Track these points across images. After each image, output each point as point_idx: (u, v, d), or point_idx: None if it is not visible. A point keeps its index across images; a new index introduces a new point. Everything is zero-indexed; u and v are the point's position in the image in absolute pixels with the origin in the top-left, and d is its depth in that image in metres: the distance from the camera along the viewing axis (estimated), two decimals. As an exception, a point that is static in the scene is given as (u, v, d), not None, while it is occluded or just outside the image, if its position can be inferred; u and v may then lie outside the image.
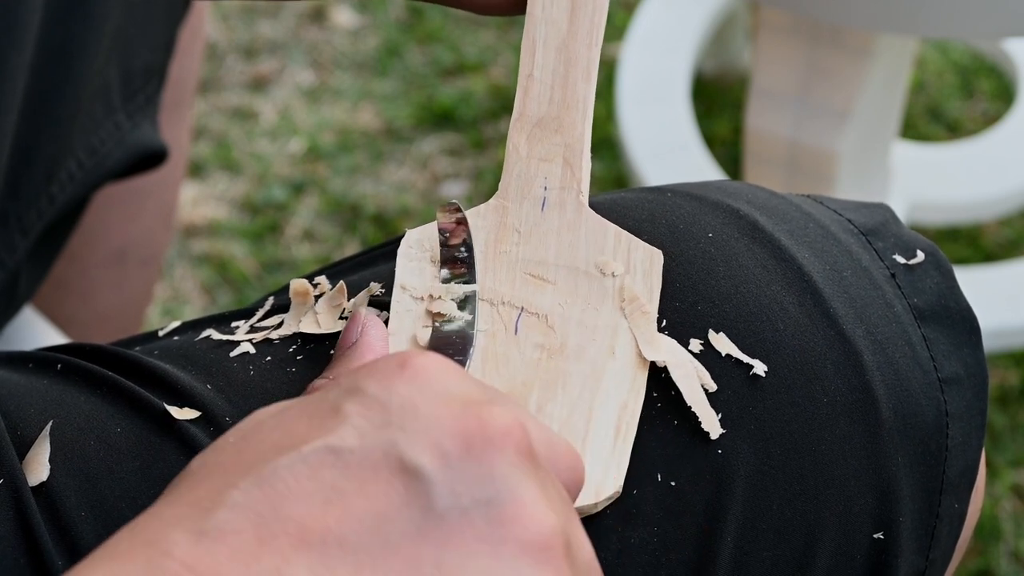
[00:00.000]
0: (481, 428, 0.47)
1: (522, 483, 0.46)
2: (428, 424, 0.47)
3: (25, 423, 0.61)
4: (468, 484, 0.46)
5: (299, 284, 0.64)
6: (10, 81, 0.77)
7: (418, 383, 0.48)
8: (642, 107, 1.48)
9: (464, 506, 0.46)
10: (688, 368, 0.60)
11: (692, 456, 0.59)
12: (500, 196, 0.63)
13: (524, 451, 0.47)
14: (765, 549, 0.60)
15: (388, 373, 0.48)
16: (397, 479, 0.46)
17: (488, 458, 0.46)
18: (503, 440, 0.47)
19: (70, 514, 0.58)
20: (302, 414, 0.48)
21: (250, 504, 0.45)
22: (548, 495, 0.47)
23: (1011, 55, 1.56)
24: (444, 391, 0.48)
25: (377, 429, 0.47)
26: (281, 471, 0.46)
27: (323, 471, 0.46)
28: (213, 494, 0.46)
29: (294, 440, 0.47)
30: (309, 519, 0.45)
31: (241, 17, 1.81)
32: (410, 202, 1.62)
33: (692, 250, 0.63)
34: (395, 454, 0.46)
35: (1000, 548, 1.34)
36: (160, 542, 0.45)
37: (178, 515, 0.46)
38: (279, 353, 0.63)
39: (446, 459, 0.46)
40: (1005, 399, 1.44)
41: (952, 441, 0.64)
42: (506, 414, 0.47)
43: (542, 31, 0.65)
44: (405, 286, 0.62)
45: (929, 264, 0.66)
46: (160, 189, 1.06)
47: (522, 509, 0.46)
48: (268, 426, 0.48)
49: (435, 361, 0.48)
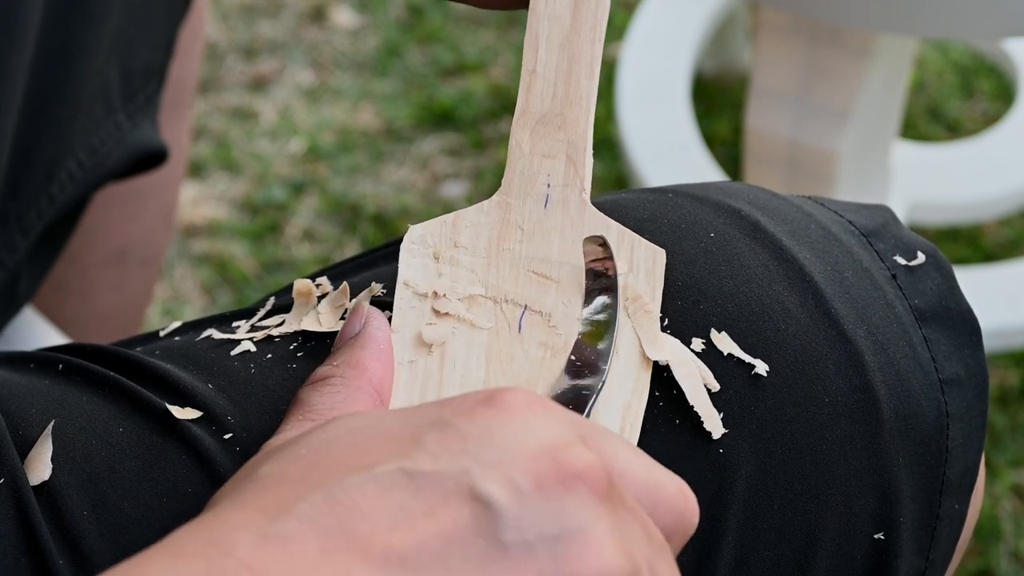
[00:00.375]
0: (555, 467, 0.46)
1: (592, 522, 0.46)
2: (503, 457, 0.46)
3: (26, 423, 0.61)
4: (536, 519, 0.46)
5: (302, 284, 0.64)
6: (10, 81, 0.77)
7: (501, 418, 0.47)
8: (642, 107, 1.48)
9: (530, 541, 0.46)
10: (691, 367, 0.60)
11: (693, 455, 0.59)
12: (503, 193, 0.63)
13: (601, 492, 0.47)
14: (766, 549, 0.60)
15: (473, 408, 0.48)
16: (466, 506, 0.46)
17: (560, 496, 0.46)
18: (577, 480, 0.46)
19: (71, 514, 0.58)
20: (379, 437, 0.48)
21: (317, 517, 0.45)
22: (624, 536, 0.47)
23: (1011, 55, 1.56)
24: (525, 426, 0.47)
25: (452, 456, 0.46)
26: (351, 488, 0.46)
27: (394, 492, 0.46)
28: (280, 503, 0.46)
29: (367, 460, 0.47)
30: (374, 536, 0.45)
31: (241, 17, 1.81)
32: (410, 202, 1.62)
33: (694, 249, 0.63)
34: (467, 482, 0.46)
35: (1000, 548, 1.34)
36: (223, 543, 0.45)
37: (244, 520, 0.46)
38: (280, 351, 0.63)
39: (518, 493, 0.46)
40: (1005, 399, 1.44)
41: (952, 442, 0.64)
42: (586, 455, 0.47)
43: (545, 27, 0.64)
44: (408, 282, 0.62)
45: (930, 265, 0.66)
46: (160, 189, 1.06)
47: (587, 548, 0.46)
48: (343, 443, 0.48)
49: (522, 397, 0.48)
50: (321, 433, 0.49)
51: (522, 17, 1.79)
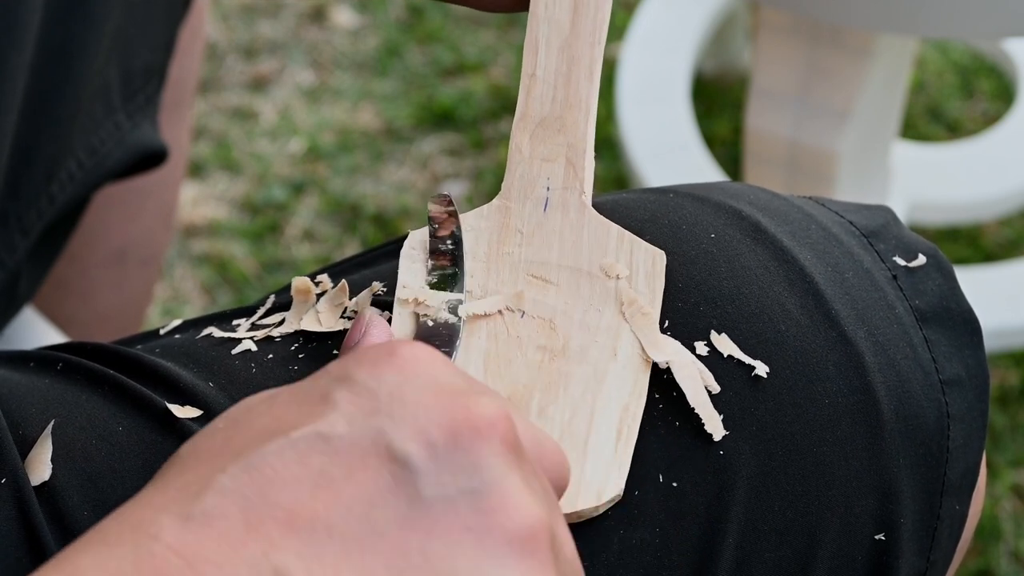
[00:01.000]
0: (468, 418, 0.47)
1: (507, 474, 0.47)
2: (416, 412, 0.47)
3: (27, 422, 0.61)
4: (454, 473, 0.46)
5: (301, 282, 0.64)
6: (10, 81, 0.77)
7: (407, 372, 0.48)
8: (642, 107, 1.48)
9: (450, 495, 0.46)
10: (691, 369, 0.60)
11: (694, 457, 0.59)
12: (503, 197, 0.63)
13: (510, 442, 0.47)
14: (767, 550, 0.60)
15: (377, 361, 0.48)
16: (385, 467, 0.46)
17: (474, 448, 0.47)
18: (489, 430, 0.47)
19: (72, 513, 0.58)
20: (291, 400, 0.48)
21: (238, 489, 0.45)
22: (533, 488, 0.47)
23: (1011, 55, 1.56)
24: (432, 380, 0.48)
25: (366, 416, 0.47)
26: (269, 456, 0.46)
27: (312, 457, 0.46)
28: (201, 479, 0.46)
29: (283, 426, 0.47)
30: (297, 504, 0.45)
31: (241, 17, 1.81)
32: (410, 202, 1.62)
33: (694, 250, 0.63)
34: (383, 442, 0.46)
35: (1000, 548, 1.34)
36: (148, 526, 0.45)
37: (166, 500, 0.46)
38: (281, 351, 0.63)
39: (433, 448, 0.46)
40: (1005, 399, 1.44)
41: (953, 443, 0.64)
42: (493, 404, 0.48)
43: (545, 30, 0.64)
44: (407, 286, 0.62)
45: (930, 266, 0.66)
46: (160, 189, 1.06)
47: (507, 500, 0.46)
48: (257, 412, 0.48)
49: (423, 351, 0.49)
50: (240, 405, 0.49)
51: (522, 17, 1.79)
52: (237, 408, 0.49)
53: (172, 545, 0.44)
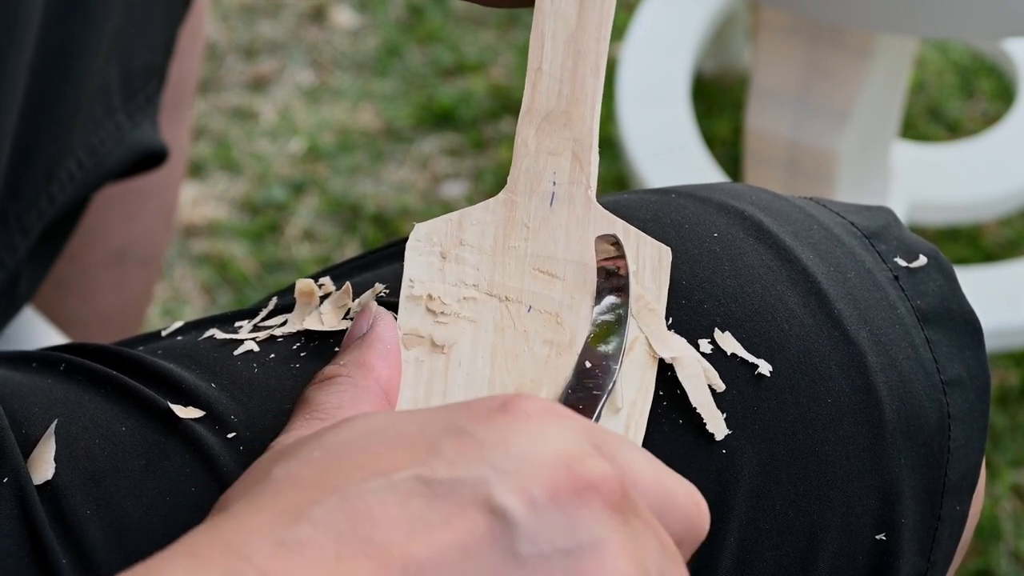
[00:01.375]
0: (571, 478, 0.46)
1: (607, 536, 0.46)
2: (520, 467, 0.47)
3: (29, 422, 0.61)
4: (552, 532, 0.46)
5: (304, 284, 0.64)
6: (10, 81, 0.77)
7: (517, 425, 0.48)
8: (642, 107, 1.48)
9: (546, 553, 0.46)
10: (696, 368, 0.60)
11: (696, 455, 0.59)
12: (509, 190, 0.63)
13: (615, 504, 0.47)
14: (768, 549, 0.60)
15: (489, 415, 0.48)
16: (483, 517, 0.46)
17: (574, 509, 0.46)
18: (591, 492, 0.47)
19: (75, 512, 0.58)
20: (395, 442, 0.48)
21: (333, 522, 0.45)
22: (637, 548, 0.47)
23: (1011, 55, 1.56)
24: (541, 436, 0.47)
25: (469, 465, 0.47)
26: (368, 495, 0.46)
27: (411, 500, 0.46)
28: (296, 507, 0.46)
29: (384, 467, 0.47)
30: (391, 544, 0.45)
31: (241, 17, 1.81)
32: (410, 202, 1.62)
33: (697, 249, 0.63)
34: (484, 492, 0.46)
35: (1000, 548, 1.34)
36: (240, 547, 0.45)
37: (260, 523, 0.46)
38: (283, 351, 0.63)
39: (533, 505, 0.46)
40: (1005, 399, 1.44)
41: (954, 443, 0.64)
42: (601, 465, 0.47)
43: (551, 24, 0.64)
44: (414, 280, 0.61)
45: (931, 267, 0.66)
46: (160, 189, 1.06)
47: (602, 563, 0.46)
48: (357, 447, 0.48)
49: (537, 405, 0.48)
50: (334, 435, 0.49)
51: (523, 17, 1.79)
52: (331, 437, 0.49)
53: (262, 568, 0.44)
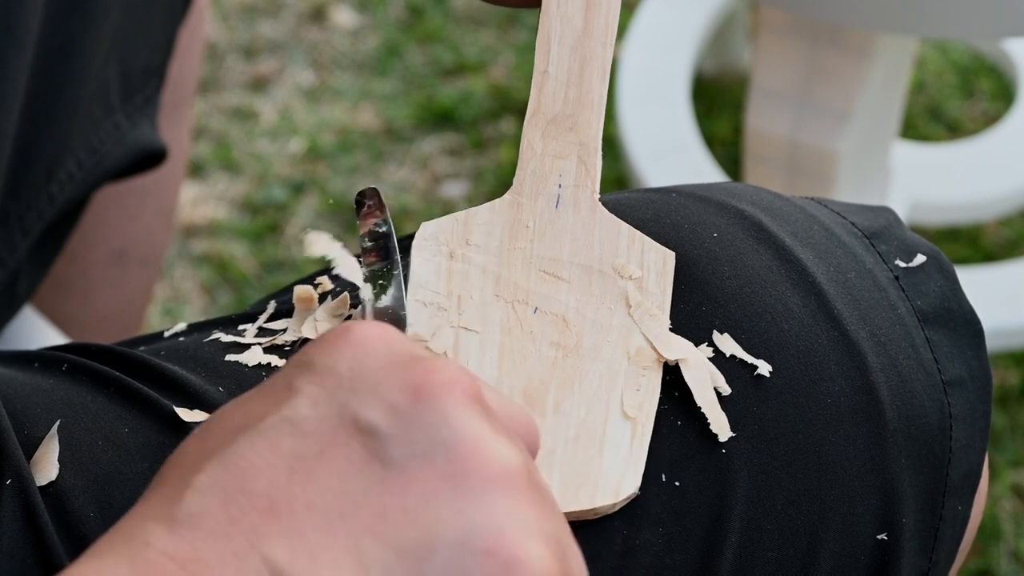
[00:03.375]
0: (427, 377, 0.47)
1: (474, 422, 0.47)
2: (376, 382, 0.47)
3: (32, 422, 0.61)
4: (422, 431, 0.47)
5: (303, 291, 0.64)
6: (10, 81, 0.77)
7: (362, 347, 0.48)
8: (642, 107, 1.48)
9: (422, 451, 0.47)
10: (701, 370, 0.60)
11: (696, 457, 0.59)
12: (515, 192, 0.63)
13: (473, 394, 0.48)
14: (769, 549, 0.60)
15: (334, 343, 0.49)
16: (354, 439, 0.47)
17: (438, 403, 0.47)
18: (451, 386, 0.47)
19: (78, 513, 0.58)
20: (258, 395, 0.49)
21: (216, 484, 0.46)
22: (502, 434, 0.48)
23: (1011, 55, 1.56)
24: (389, 350, 0.48)
25: (329, 394, 0.47)
26: (242, 449, 0.47)
27: (281, 442, 0.47)
28: (180, 482, 0.47)
29: (251, 419, 0.48)
30: (274, 490, 0.46)
31: (241, 17, 1.81)
32: (410, 202, 1.62)
33: (697, 250, 0.63)
34: (349, 415, 0.47)
35: (1000, 548, 1.34)
36: (138, 535, 0.46)
37: (150, 507, 0.47)
38: (289, 356, 0.62)
39: (397, 412, 0.47)
40: (1005, 399, 1.44)
41: (955, 443, 0.64)
42: (452, 366, 0.48)
43: (557, 28, 0.65)
44: (419, 280, 0.61)
45: (932, 267, 0.66)
46: (160, 189, 1.06)
47: (478, 446, 0.47)
48: (228, 412, 0.49)
49: (376, 327, 0.49)
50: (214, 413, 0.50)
51: (523, 17, 1.79)
52: (211, 416, 0.50)
53: (164, 550, 0.45)
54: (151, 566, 0.45)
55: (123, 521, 0.47)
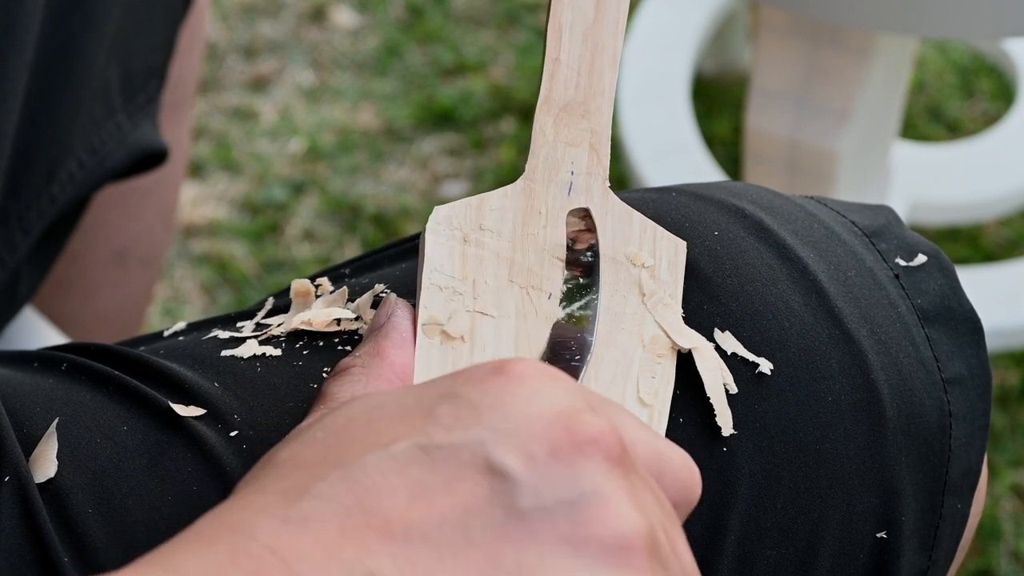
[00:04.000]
0: (569, 434, 0.47)
1: (608, 486, 0.46)
2: (517, 425, 0.47)
3: (31, 421, 0.61)
4: (552, 486, 0.46)
5: (300, 284, 0.64)
6: (10, 81, 0.77)
7: (511, 387, 0.48)
8: (642, 107, 1.48)
9: (547, 507, 0.46)
10: (713, 361, 0.60)
11: (697, 454, 0.59)
12: (527, 178, 0.63)
13: (614, 457, 0.47)
14: (769, 547, 0.60)
15: (483, 377, 0.48)
16: (483, 478, 0.46)
17: (574, 462, 0.46)
18: (591, 446, 0.47)
19: (77, 511, 0.58)
20: (394, 414, 0.48)
21: (336, 496, 0.46)
22: (638, 499, 0.47)
23: (1011, 55, 1.56)
24: (536, 396, 0.48)
25: (466, 428, 0.47)
26: (369, 467, 0.46)
27: (410, 468, 0.46)
28: (300, 485, 0.46)
29: (383, 439, 0.47)
30: (393, 513, 0.46)
31: (241, 17, 1.81)
32: (410, 202, 1.62)
33: (698, 248, 0.63)
34: (482, 453, 0.46)
35: (1000, 548, 1.34)
36: (245, 527, 0.45)
37: (264, 503, 0.46)
38: (286, 350, 0.63)
39: (532, 461, 0.46)
40: (1005, 399, 1.44)
41: (955, 442, 0.64)
42: (599, 421, 0.47)
43: (569, 16, 0.65)
44: (434, 264, 0.61)
45: (932, 266, 0.66)
46: (160, 189, 1.06)
47: (605, 511, 0.46)
48: (358, 423, 0.48)
49: (532, 366, 0.49)
50: (336, 416, 0.49)
51: (523, 17, 1.79)
52: (336, 418, 0.49)
53: (269, 545, 0.45)
54: (253, 559, 0.45)
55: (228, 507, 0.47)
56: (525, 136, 1.64)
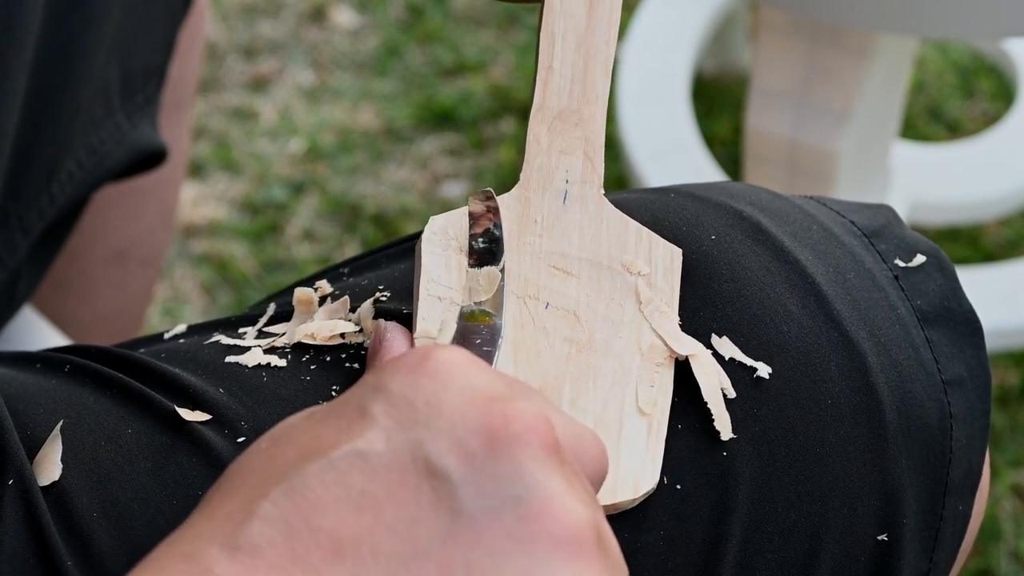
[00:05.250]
0: (505, 424, 0.47)
1: (549, 478, 0.46)
2: (452, 422, 0.47)
3: (34, 423, 0.61)
4: (495, 483, 0.46)
5: (303, 293, 0.64)
6: (10, 81, 0.77)
7: (442, 379, 0.48)
8: (642, 107, 1.48)
9: (492, 505, 0.46)
10: (710, 367, 0.60)
11: (697, 459, 0.59)
12: (521, 187, 0.63)
13: (549, 446, 0.47)
14: (770, 551, 0.60)
15: (413, 369, 0.48)
16: (425, 482, 0.46)
17: (513, 455, 0.46)
18: (528, 435, 0.47)
19: (81, 514, 0.58)
20: (329, 417, 0.48)
21: (281, 516, 0.46)
22: (575, 488, 0.47)
23: (1011, 55, 1.56)
24: (468, 386, 0.48)
25: (403, 430, 0.47)
26: (310, 479, 0.46)
27: (351, 476, 0.46)
28: (245, 506, 0.46)
29: (322, 445, 0.47)
30: (341, 528, 0.45)
31: (241, 17, 1.81)
32: (410, 202, 1.62)
33: (695, 253, 0.63)
34: (421, 456, 0.46)
35: (1000, 548, 1.34)
36: (199, 557, 0.45)
37: (213, 528, 0.46)
38: (292, 362, 0.62)
39: (471, 459, 0.46)
40: (1005, 399, 1.44)
41: (956, 443, 0.64)
42: (530, 408, 0.47)
43: (561, 24, 0.65)
44: (431, 275, 0.61)
45: (932, 266, 0.66)
46: (160, 189, 1.06)
47: (550, 505, 0.46)
48: (299, 429, 0.48)
49: (459, 355, 0.48)
50: (282, 424, 0.49)
51: (523, 17, 1.79)
52: (280, 427, 0.49)
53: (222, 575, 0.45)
54: None
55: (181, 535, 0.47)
56: (525, 136, 1.64)
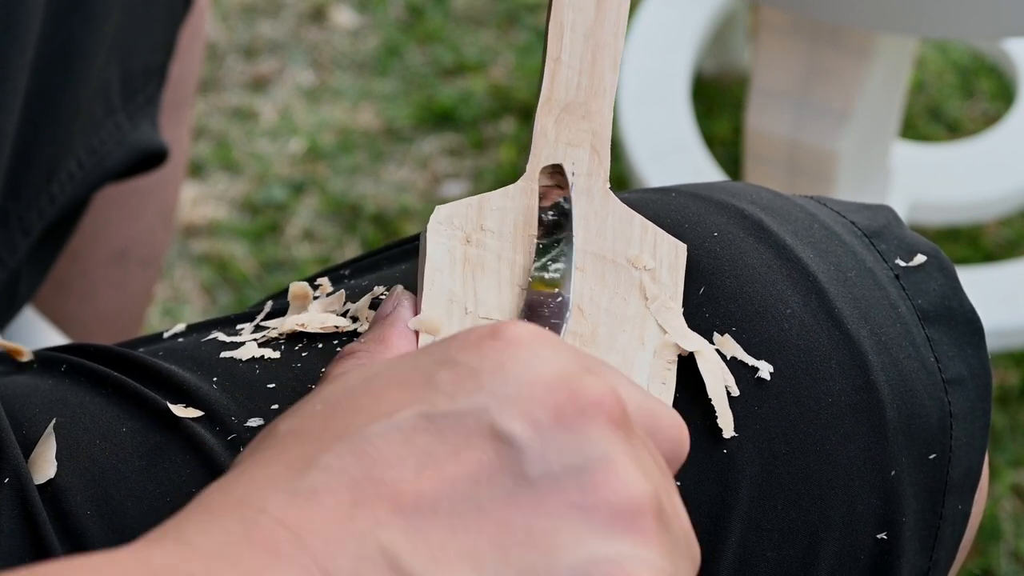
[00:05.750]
0: (572, 398, 0.47)
1: (613, 450, 0.46)
2: (520, 391, 0.47)
3: (30, 422, 0.61)
4: (559, 452, 0.46)
5: (298, 287, 0.64)
6: (10, 81, 0.77)
7: (510, 351, 0.48)
8: (642, 107, 1.48)
9: (555, 473, 0.46)
10: (715, 363, 0.60)
11: (697, 457, 0.59)
12: (527, 179, 0.63)
13: (616, 420, 0.47)
14: (769, 549, 0.60)
15: (480, 343, 0.48)
16: (490, 445, 0.46)
17: (579, 426, 0.46)
18: (594, 409, 0.47)
19: (76, 512, 0.58)
20: (392, 382, 0.48)
21: (344, 468, 0.46)
22: (641, 462, 0.47)
23: (1011, 55, 1.56)
24: (535, 359, 0.48)
25: (469, 395, 0.47)
26: (374, 437, 0.46)
27: (416, 437, 0.46)
28: (306, 457, 0.46)
29: (385, 407, 0.47)
30: (403, 483, 0.45)
31: (241, 17, 1.81)
32: (410, 202, 1.62)
33: (697, 250, 0.63)
34: (487, 420, 0.46)
35: (1000, 548, 1.34)
36: (254, 500, 0.45)
37: (270, 476, 0.46)
38: (285, 352, 0.63)
39: (537, 427, 0.46)
40: (1005, 399, 1.44)
41: (956, 442, 0.64)
42: (599, 383, 0.47)
43: (570, 16, 0.64)
44: (435, 263, 0.61)
45: (932, 266, 0.66)
46: (160, 189, 1.06)
47: (612, 476, 0.46)
48: (358, 392, 0.48)
49: (527, 330, 0.49)
50: (333, 387, 0.49)
51: (523, 17, 1.79)
52: (333, 389, 0.49)
53: (280, 518, 0.45)
54: (265, 532, 0.44)
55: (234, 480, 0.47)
56: (525, 136, 1.64)
